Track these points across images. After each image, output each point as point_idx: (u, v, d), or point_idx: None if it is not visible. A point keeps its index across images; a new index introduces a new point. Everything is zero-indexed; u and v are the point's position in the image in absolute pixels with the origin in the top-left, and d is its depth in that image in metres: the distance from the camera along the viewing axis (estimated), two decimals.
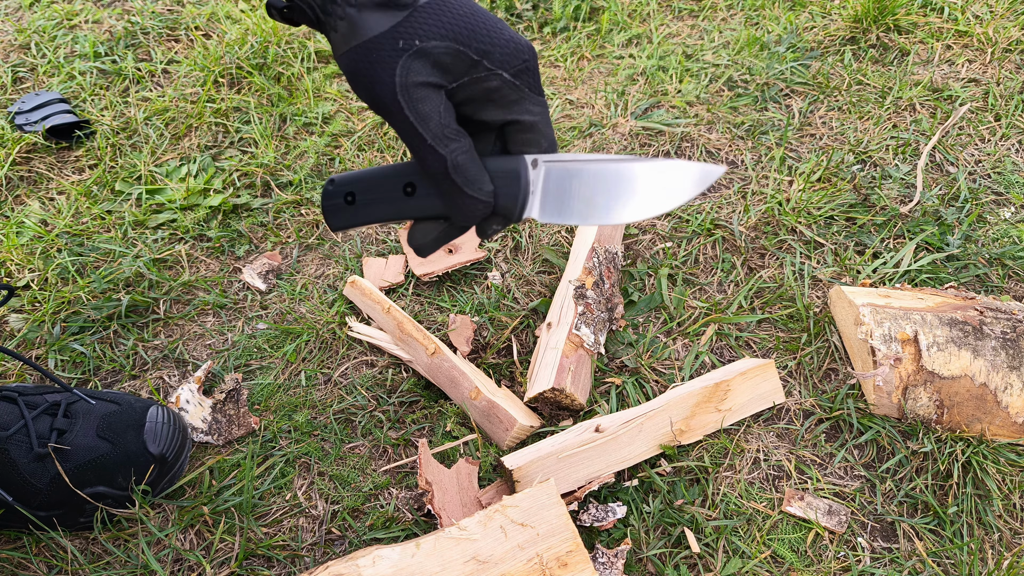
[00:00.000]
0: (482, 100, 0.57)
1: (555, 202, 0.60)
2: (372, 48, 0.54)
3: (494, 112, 0.58)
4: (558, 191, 0.60)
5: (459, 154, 0.56)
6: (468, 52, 0.55)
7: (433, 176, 0.57)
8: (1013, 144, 1.24)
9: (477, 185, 0.57)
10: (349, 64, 0.56)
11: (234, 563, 0.82)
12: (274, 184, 1.23)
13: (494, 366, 1.00)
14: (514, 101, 0.58)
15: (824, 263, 1.10)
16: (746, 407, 0.92)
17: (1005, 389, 0.87)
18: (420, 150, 0.56)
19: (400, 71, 0.54)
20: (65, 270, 1.11)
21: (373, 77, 0.55)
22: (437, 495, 0.84)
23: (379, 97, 0.55)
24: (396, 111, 0.55)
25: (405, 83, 0.54)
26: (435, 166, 0.56)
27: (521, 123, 0.58)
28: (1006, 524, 0.84)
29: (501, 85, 0.56)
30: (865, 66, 1.38)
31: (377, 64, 0.54)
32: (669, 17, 1.54)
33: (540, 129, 0.59)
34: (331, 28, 0.56)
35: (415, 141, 0.56)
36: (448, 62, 0.55)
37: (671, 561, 0.82)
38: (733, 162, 1.26)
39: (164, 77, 1.44)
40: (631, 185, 0.59)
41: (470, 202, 0.58)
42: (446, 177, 0.56)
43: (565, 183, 0.60)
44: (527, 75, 0.57)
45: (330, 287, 1.10)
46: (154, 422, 0.86)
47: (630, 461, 0.86)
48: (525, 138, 0.59)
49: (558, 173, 0.60)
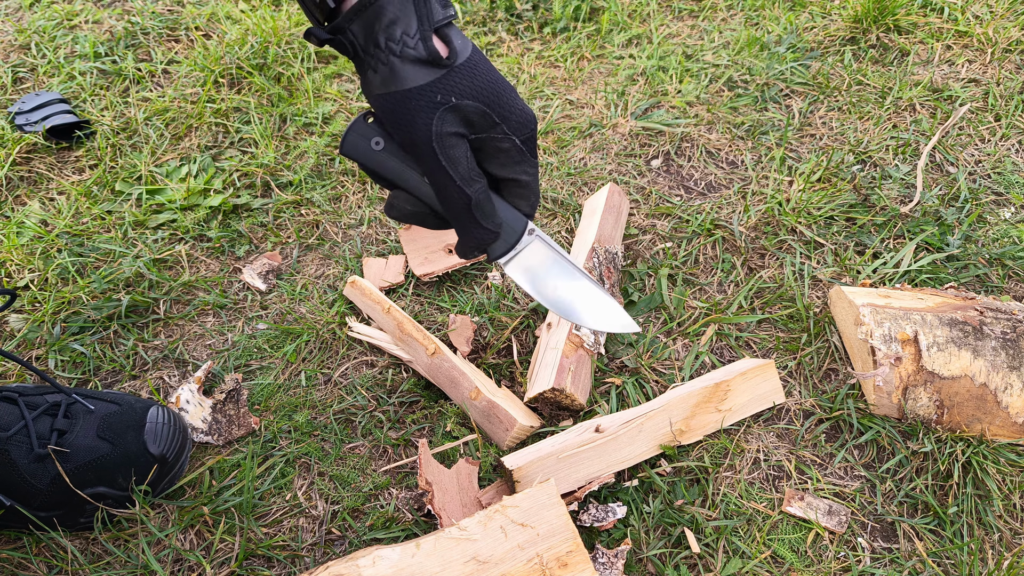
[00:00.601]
0: (492, 155, 0.66)
1: (524, 269, 0.73)
2: (412, 97, 0.62)
3: (499, 168, 0.67)
4: (531, 263, 0.72)
5: (480, 193, 0.66)
6: (492, 115, 0.64)
7: (453, 209, 0.66)
8: (1013, 144, 1.24)
9: (492, 220, 0.68)
10: (387, 106, 0.63)
11: (234, 563, 0.82)
12: (274, 184, 1.23)
13: (494, 366, 1.00)
14: (517, 162, 0.67)
15: (824, 263, 1.10)
16: (746, 407, 0.92)
17: (1005, 389, 0.87)
18: (447, 188, 0.65)
19: (437, 122, 0.62)
20: (65, 270, 1.11)
21: (412, 123, 0.63)
22: (437, 495, 0.84)
23: (415, 140, 0.63)
24: (430, 155, 0.63)
25: (440, 132, 0.62)
26: (459, 203, 0.65)
27: (518, 181, 0.68)
28: (1006, 524, 0.84)
29: (511, 148, 0.66)
30: (865, 66, 1.38)
31: (416, 112, 0.62)
32: (669, 17, 1.54)
33: (532, 188, 0.70)
34: (370, 68, 0.63)
35: (444, 180, 0.64)
36: (475, 119, 0.63)
37: (671, 561, 0.82)
38: (733, 162, 1.26)
39: (164, 77, 1.44)
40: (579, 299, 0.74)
41: (482, 232, 0.67)
42: (468, 212, 0.66)
43: (539, 262, 0.72)
44: (531, 143, 0.67)
45: (330, 287, 1.10)
46: (154, 422, 0.86)
47: (630, 461, 0.86)
48: (519, 192, 0.70)
49: (540, 252, 0.72)
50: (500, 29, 1.53)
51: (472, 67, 0.63)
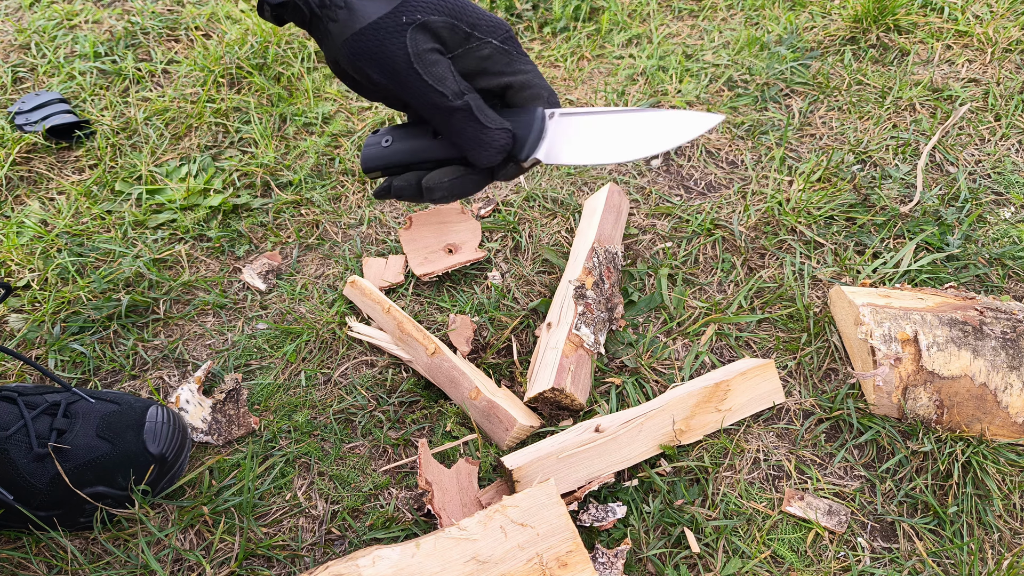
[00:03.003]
0: (477, 70, 0.64)
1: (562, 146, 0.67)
2: (379, 27, 0.60)
3: (490, 79, 0.64)
4: (567, 138, 0.67)
5: (475, 99, 0.63)
6: (461, 25, 0.62)
7: (456, 126, 0.63)
8: (1013, 144, 1.24)
9: (498, 122, 0.64)
10: (356, 46, 0.61)
11: (234, 563, 0.82)
12: (274, 184, 1.23)
13: (494, 366, 1.00)
14: (506, 64, 0.64)
15: (824, 263, 1.10)
16: (746, 407, 0.92)
17: (1005, 389, 0.87)
18: (444, 107, 0.62)
19: (410, 42, 0.60)
20: (65, 270, 1.11)
21: (385, 52, 0.61)
22: (437, 495, 0.84)
23: (395, 68, 0.61)
24: (414, 77, 0.61)
25: (416, 51, 0.60)
26: (458, 116, 0.62)
27: (516, 83, 0.65)
28: (1006, 524, 0.84)
29: (492, 52, 0.63)
30: (865, 66, 1.38)
31: (387, 40, 0.60)
32: (669, 17, 1.54)
33: (536, 83, 0.66)
34: (329, 19, 0.61)
35: (436, 99, 0.62)
36: (445, 34, 0.62)
37: (671, 561, 0.82)
38: (733, 162, 1.26)
39: (164, 77, 1.44)
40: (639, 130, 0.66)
41: (494, 135, 0.64)
42: (470, 120, 0.63)
43: (574, 131, 0.67)
44: (512, 42, 0.65)
45: (330, 287, 1.10)
46: (154, 422, 0.86)
47: (630, 461, 0.86)
48: (526, 95, 0.66)
49: (568, 123, 0.67)
50: None
51: None
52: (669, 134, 0.66)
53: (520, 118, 0.66)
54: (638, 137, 0.66)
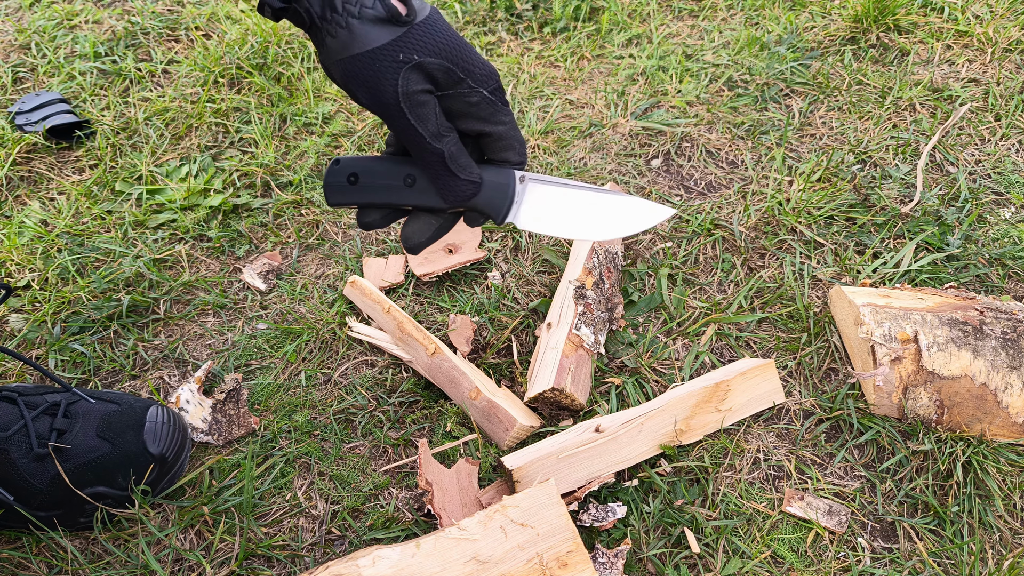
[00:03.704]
0: (462, 112, 0.66)
1: (534, 216, 0.71)
2: (375, 58, 0.61)
3: (471, 123, 0.67)
4: (538, 208, 0.71)
5: (452, 145, 0.65)
6: (456, 70, 0.64)
7: (430, 167, 0.66)
8: (1013, 144, 1.24)
9: (468, 170, 0.67)
10: (350, 70, 0.62)
11: (234, 563, 0.82)
12: (274, 184, 1.23)
13: (494, 366, 1.00)
14: (490, 114, 0.67)
15: (824, 263, 1.10)
16: (746, 407, 0.92)
17: (1005, 389, 0.87)
18: (420, 146, 0.65)
19: (402, 81, 0.62)
20: (65, 270, 1.11)
21: (377, 84, 0.62)
22: (437, 495, 0.84)
23: (383, 101, 0.63)
24: (398, 115, 0.63)
25: (406, 90, 0.62)
26: (433, 158, 0.65)
27: (494, 134, 0.68)
28: (1006, 524, 0.84)
29: (480, 100, 0.66)
30: (865, 66, 1.38)
31: (380, 72, 0.62)
32: (669, 17, 1.54)
33: (511, 136, 0.69)
34: (328, 34, 0.62)
35: (415, 139, 0.64)
36: (439, 76, 0.63)
37: (671, 561, 0.82)
38: (733, 162, 1.26)
39: (164, 77, 1.44)
40: (601, 213, 0.72)
41: (463, 184, 0.67)
42: (443, 166, 0.66)
43: (546, 202, 0.71)
44: (499, 93, 0.67)
45: (330, 287, 1.10)
46: (154, 422, 0.86)
47: (630, 461, 0.86)
48: (500, 146, 0.69)
49: (541, 193, 0.71)
50: (500, 29, 1.53)
51: (431, 24, 0.63)
52: (627, 222, 0.72)
53: (493, 179, 0.69)
54: (600, 220, 0.72)
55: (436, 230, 0.71)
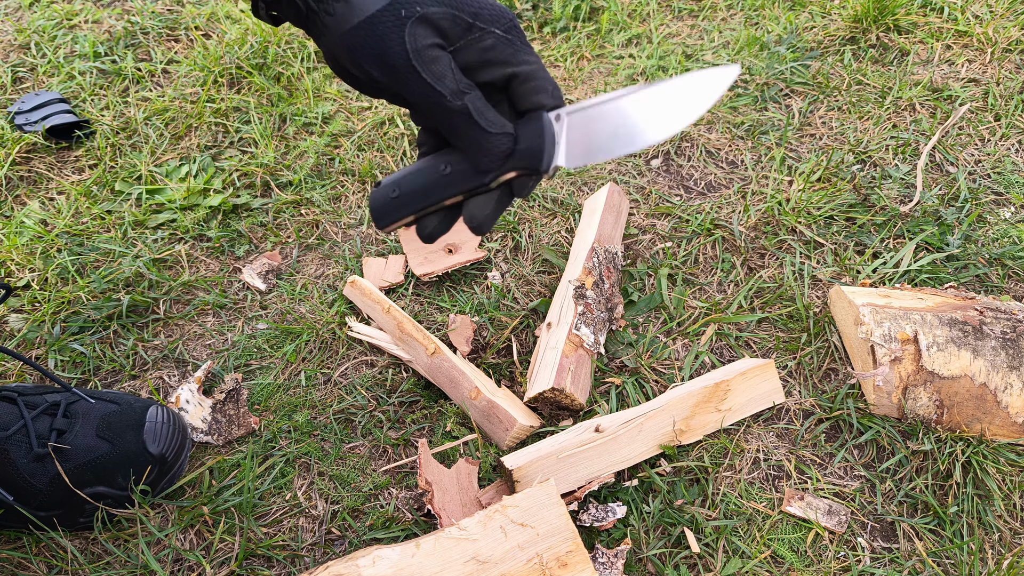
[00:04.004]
0: (480, 61, 0.61)
1: (581, 147, 0.64)
2: (377, 22, 0.58)
3: (494, 70, 0.62)
4: (582, 137, 0.64)
5: (476, 100, 0.60)
6: (463, 16, 0.59)
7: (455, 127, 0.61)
8: (1013, 144, 1.24)
9: (498, 124, 0.61)
10: (353, 40, 0.59)
11: (234, 563, 0.82)
12: (274, 184, 1.23)
13: (494, 366, 1.00)
14: (510, 55, 0.61)
15: (824, 263, 1.10)
16: (746, 407, 0.92)
17: (1005, 389, 0.87)
18: (442, 107, 0.60)
19: (408, 37, 0.58)
20: (65, 270, 1.11)
21: (383, 47, 0.58)
22: (437, 495, 0.84)
23: (392, 65, 0.59)
24: (411, 75, 0.58)
25: (415, 47, 0.58)
26: (458, 117, 0.60)
27: (520, 74, 0.62)
28: (1006, 524, 0.84)
29: (496, 42, 0.60)
30: (865, 66, 1.38)
31: (384, 35, 0.58)
32: (669, 17, 1.54)
33: (541, 75, 0.63)
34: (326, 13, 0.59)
35: (434, 98, 0.59)
36: (446, 26, 0.59)
37: (671, 561, 0.82)
38: (733, 162, 1.26)
39: (164, 77, 1.44)
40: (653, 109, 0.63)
41: (495, 139, 0.61)
42: (470, 123, 0.60)
43: (588, 127, 0.64)
44: (516, 31, 0.61)
45: (330, 287, 1.10)
46: (154, 422, 0.86)
47: (630, 461, 0.86)
48: (530, 87, 0.63)
49: (580, 120, 0.64)
50: None
51: None
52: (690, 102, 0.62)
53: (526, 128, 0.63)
54: (657, 115, 0.63)
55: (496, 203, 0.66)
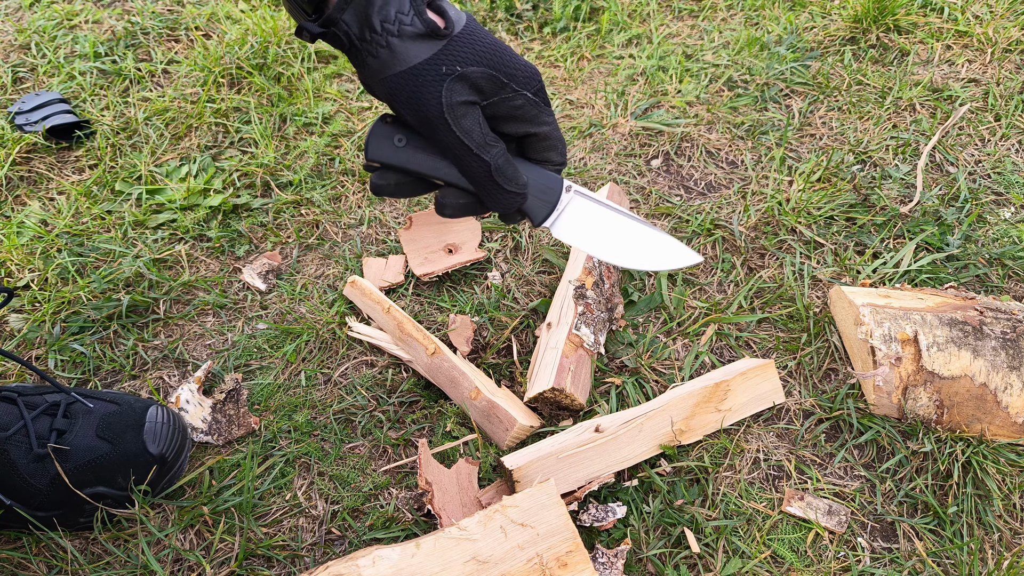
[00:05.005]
0: (507, 116, 0.66)
1: (571, 228, 0.72)
2: (418, 74, 0.62)
3: (517, 126, 0.67)
4: (576, 221, 0.72)
5: (499, 158, 0.66)
6: (499, 76, 0.64)
7: (476, 178, 0.66)
8: (1013, 144, 1.24)
9: (515, 182, 0.67)
10: (394, 88, 0.63)
11: (234, 563, 0.82)
12: (274, 184, 1.23)
13: (494, 366, 1.00)
14: (534, 115, 0.67)
15: (824, 263, 1.10)
16: (746, 407, 0.92)
17: (1005, 389, 0.87)
18: (466, 158, 0.65)
19: (446, 93, 0.62)
20: (65, 270, 1.11)
21: (421, 100, 0.63)
22: (437, 495, 0.84)
23: (427, 116, 0.63)
24: (444, 127, 0.63)
25: (451, 103, 0.62)
26: (480, 171, 0.65)
27: (540, 134, 0.68)
28: (1006, 524, 0.84)
29: (525, 103, 0.66)
30: (865, 66, 1.38)
31: (423, 88, 0.62)
32: (669, 17, 1.54)
33: (555, 136, 0.70)
34: (369, 54, 0.62)
35: (461, 151, 0.64)
36: (483, 84, 0.64)
37: (671, 561, 0.82)
38: (733, 162, 1.26)
39: (164, 77, 1.44)
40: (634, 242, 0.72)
41: (509, 196, 0.68)
42: (490, 179, 0.66)
43: (584, 217, 0.72)
44: (542, 93, 0.67)
45: (330, 287, 1.10)
46: (154, 422, 0.86)
47: (630, 461, 0.86)
48: (545, 145, 0.70)
49: (584, 208, 0.72)
50: (500, 29, 1.53)
51: (471, 34, 0.63)
52: (656, 259, 0.72)
53: (540, 181, 0.70)
54: (632, 250, 0.72)
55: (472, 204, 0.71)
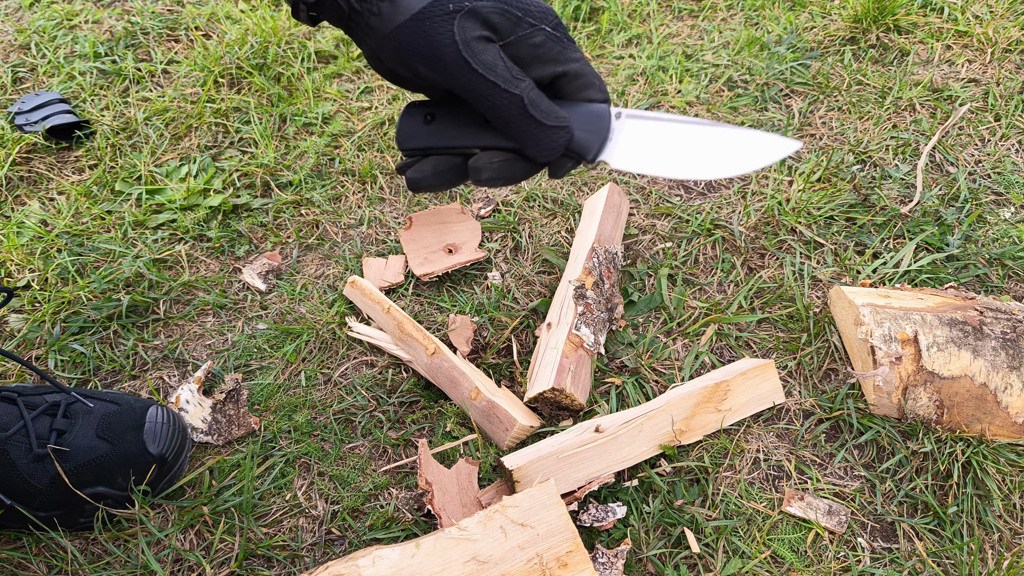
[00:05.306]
0: (529, 57, 0.60)
1: (632, 153, 0.64)
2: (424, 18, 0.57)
3: (542, 68, 0.61)
4: (636, 143, 0.63)
5: (531, 90, 0.59)
6: (511, 10, 0.59)
7: (509, 119, 0.60)
8: (1013, 144, 1.24)
9: (554, 115, 0.60)
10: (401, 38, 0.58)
11: (234, 563, 0.82)
12: (274, 184, 1.23)
13: (494, 366, 1.00)
14: (559, 52, 0.61)
15: (824, 263, 1.10)
16: (746, 407, 0.92)
17: (1005, 389, 0.87)
18: (493, 97, 0.58)
19: (458, 30, 0.57)
20: (65, 270, 1.11)
21: (433, 43, 0.57)
22: (437, 495, 0.84)
23: (442, 59, 0.58)
24: (463, 67, 0.58)
25: (465, 39, 0.57)
26: (511, 108, 0.59)
27: (569, 73, 0.61)
28: (1006, 524, 0.84)
29: (545, 39, 0.60)
30: (865, 66, 1.38)
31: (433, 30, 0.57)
32: (669, 17, 1.54)
33: (588, 72, 0.62)
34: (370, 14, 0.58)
35: (486, 89, 0.58)
36: (496, 20, 0.58)
37: (671, 561, 0.82)
38: None
39: (164, 77, 1.44)
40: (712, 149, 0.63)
41: (551, 132, 0.60)
42: (524, 115, 0.59)
43: (645, 136, 0.64)
44: (562, 29, 0.61)
45: (330, 287, 1.10)
46: (154, 422, 0.86)
47: (630, 461, 0.86)
48: (578, 85, 0.62)
49: (639, 127, 0.63)
50: None
51: None
52: (744, 157, 0.62)
53: (583, 113, 0.62)
54: (711, 156, 0.63)
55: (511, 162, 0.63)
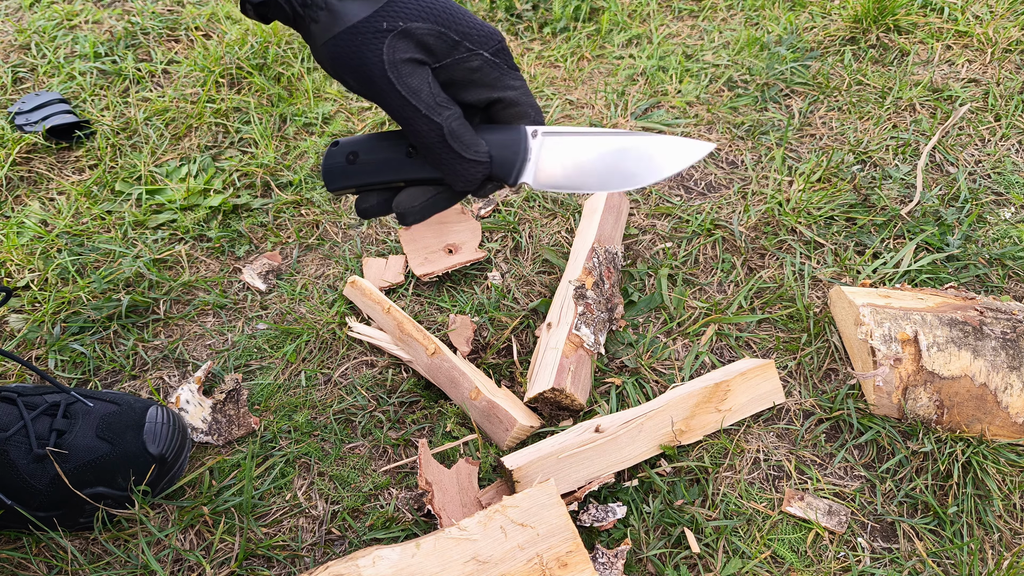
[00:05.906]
0: (464, 81, 0.60)
1: (551, 172, 0.63)
2: (357, 32, 0.57)
3: (477, 92, 0.61)
4: (555, 161, 0.63)
5: (453, 120, 0.58)
6: (449, 33, 0.58)
7: (429, 146, 0.59)
8: (1013, 144, 1.24)
9: (474, 148, 0.59)
10: (334, 50, 0.57)
11: (234, 563, 0.82)
12: (274, 184, 1.23)
13: (494, 366, 1.00)
14: (496, 78, 0.60)
15: (824, 263, 1.10)
16: (746, 407, 0.92)
17: (1005, 389, 0.87)
18: (414, 121, 0.58)
19: (387, 50, 0.56)
20: (65, 270, 1.11)
21: (361, 58, 0.57)
22: (437, 495, 0.84)
23: (368, 76, 0.57)
24: (387, 87, 0.57)
25: (393, 60, 0.56)
26: (431, 136, 0.58)
27: (504, 100, 0.61)
28: (1006, 524, 0.84)
29: (483, 64, 0.59)
30: (865, 66, 1.38)
31: (363, 46, 0.56)
32: (669, 17, 1.54)
33: (523, 101, 0.62)
34: (311, 20, 0.58)
35: (408, 113, 0.58)
36: (431, 43, 0.58)
37: (671, 561, 0.82)
38: (733, 162, 1.26)
39: (164, 77, 1.44)
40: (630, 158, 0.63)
41: (469, 166, 0.60)
42: (443, 145, 0.58)
43: (562, 153, 0.63)
44: (503, 54, 0.60)
45: (330, 287, 1.10)
46: (153, 422, 0.86)
47: (630, 461, 0.86)
48: (512, 112, 0.62)
49: (556, 145, 0.63)
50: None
51: None
52: (660, 164, 0.63)
53: (503, 137, 0.62)
54: (628, 166, 0.63)
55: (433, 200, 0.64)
